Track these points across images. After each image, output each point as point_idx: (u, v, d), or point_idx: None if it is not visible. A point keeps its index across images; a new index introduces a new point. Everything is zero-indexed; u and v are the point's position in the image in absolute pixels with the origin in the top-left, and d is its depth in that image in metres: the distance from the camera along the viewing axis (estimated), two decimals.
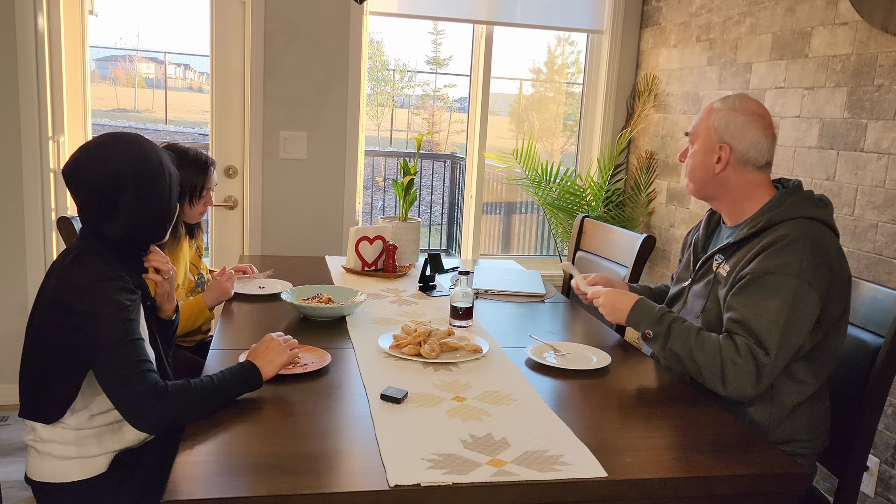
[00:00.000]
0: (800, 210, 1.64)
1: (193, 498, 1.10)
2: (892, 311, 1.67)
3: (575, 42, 4.12)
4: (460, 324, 2.01)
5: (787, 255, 1.57)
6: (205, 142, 3.80)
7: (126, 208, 1.50)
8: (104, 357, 1.39)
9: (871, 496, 2.49)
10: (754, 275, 1.60)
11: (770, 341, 1.55)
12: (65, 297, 1.43)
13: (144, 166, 1.51)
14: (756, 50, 3.03)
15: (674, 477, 1.25)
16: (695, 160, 1.77)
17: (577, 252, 2.89)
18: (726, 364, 1.57)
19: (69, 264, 1.47)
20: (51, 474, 1.52)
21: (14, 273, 3.21)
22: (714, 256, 1.77)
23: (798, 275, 1.55)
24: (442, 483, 1.16)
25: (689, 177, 1.81)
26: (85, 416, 1.51)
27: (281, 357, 1.53)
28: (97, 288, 1.42)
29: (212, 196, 2.32)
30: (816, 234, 1.61)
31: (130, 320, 1.43)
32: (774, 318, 1.55)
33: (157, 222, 1.57)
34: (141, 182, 1.50)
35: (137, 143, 1.54)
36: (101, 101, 9.16)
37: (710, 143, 1.73)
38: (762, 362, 1.54)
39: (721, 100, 1.77)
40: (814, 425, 1.67)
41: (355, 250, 2.61)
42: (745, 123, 1.70)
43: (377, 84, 6.07)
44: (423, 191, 5.90)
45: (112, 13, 3.66)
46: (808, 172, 2.75)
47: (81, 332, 1.41)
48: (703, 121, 1.76)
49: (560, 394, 1.59)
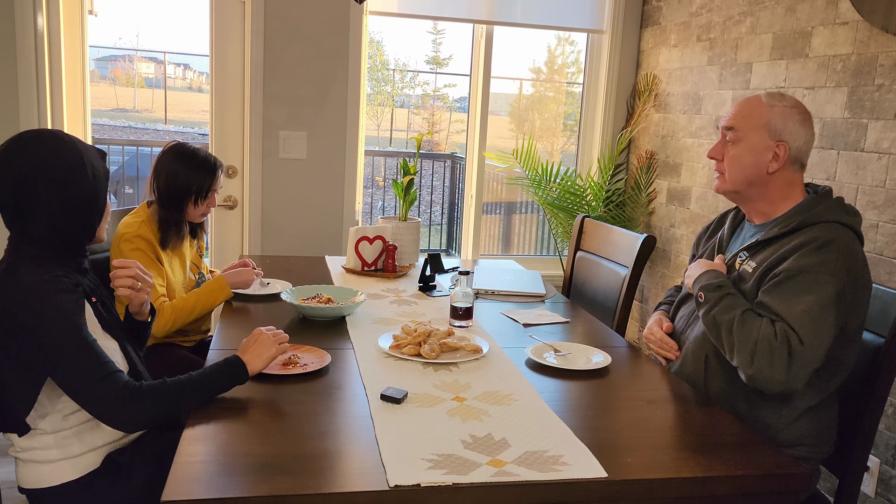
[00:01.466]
0: (834, 215, 1.63)
1: (193, 498, 1.09)
2: (892, 311, 1.66)
3: (575, 42, 4.11)
4: (460, 324, 2.01)
5: (823, 254, 1.56)
6: (204, 142, 3.80)
7: (44, 206, 1.44)
8: (64, 368, 1.38)
9: (871, 496, 2.49)
10: (788, 272, 1.57)
11: (803, 330, 1.51)
12: (5, 312, 1.39)
13: (57, 161, 1.45)
14: (756, 50, 3.03)
15: (674, 477, 1.25)
16: (743, 158, 1.70)
17: (577, 252, 2.89)
18: (761, 342, 1.53)
19: (0, 278, 1.42)
20: (41, 479, 1.51)
21: None
22: (738, 254, 1.75)
23: (834, 274, 1.54)
24: (442, 483, 1.16)
25: (733, 174, 1.72)
26: (58, 418, 1.49)
27: (269, 351, 1.52)
28: (35, 297, 1.38)
29: (215, 197, 2.32)
30: (849, 240, 1.59)
31: (78, 326, 1.40)
32: (808, 308, 1.52)
33: (84, 217, 1.50)
34: (53, 177, 1.44)
35: (52, 138, 1.48)
36: (100, 101, 9.16)
37: (764, 141, 1.68)
38: (795, 349, 1.50)
39: (768, 95, 1.72)
40: (821, 431, 1.66)
41: (355, 250, 2.61)
42: (802, 122, 1.68)
43: (377, 84, 6.06)
44: (423, 191, 5.89)
45: (112, 13, 3.67)
46: (809, 172, 2.75)
47: (32, 349, 1.38)
48: (754, 117, 1.69)
49: (560, 394, 1.59)
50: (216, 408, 1.42)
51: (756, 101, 1.72)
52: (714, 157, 1.77)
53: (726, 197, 1.81)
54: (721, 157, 1.75)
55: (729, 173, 1.73)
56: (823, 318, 1.52)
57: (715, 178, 1.80)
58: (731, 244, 1.84)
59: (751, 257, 1.70)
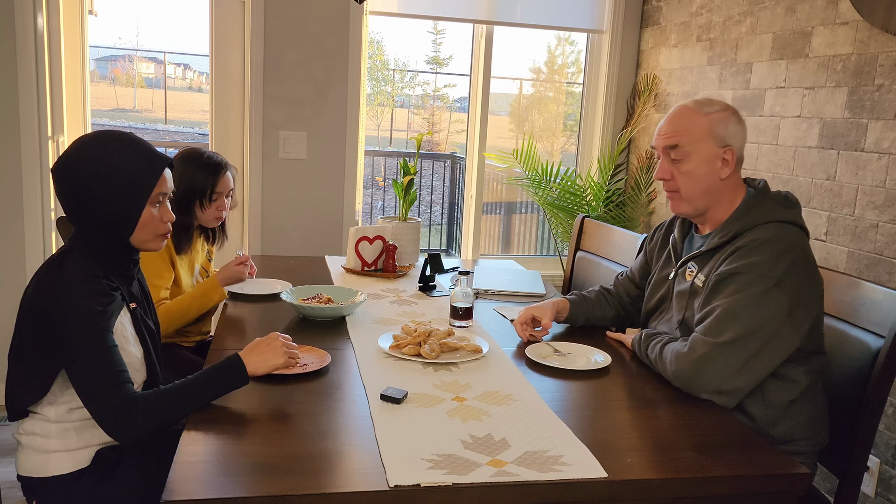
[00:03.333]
0: (770, 214, 1.66)
1: (193, 498, 1.09)
2: (892, 311, 1.66)
3: (575, 42, 4.11)
4: (460, 324, 2.00)
5: (754, 255, 1.60)
6: (204, 142, 3.80)
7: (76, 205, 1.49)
8: (77, 366, 1.40)
9: (871, 496, 2.49)
10: (720, 276, 1.63)
11: (718, 326, 1.57)
12: (39, 300, 1.44)
13: (82, 162, 1.48)
14: (756, 50, 3.03)
15: (674, 477, 1.25)
16: (697, 171, 1.70)
17: (577, 252, 2.89)
18: (671, 352, 1.65)
19: (49, 264, 1.47)
20: (34, 468, 1.53)
21: (13, 273, 3.21)
22: (688, 263, 1.78)
23: (765, 274, 1.57)
24: (442, 483, 1.16)
25: (690, 190, 1.72)
26: (63, 409, 1.51)
27: (277, 360, 1.51)
28: (66, 293, 1.41)
29: (226, 201, 2.27)
30: (786, 235, 1.62)
31: (101, 329, 1.41)
32: (729, 306, 1.58)
33: (111, 222, 1.50)
34: (79, 177, 1.47)
35: (108, 141, 1.51)
36: (100, 101, 9.15)
37: (712, 150, 1.69)
38: (702, 342, 1.58)
39: (696, 104, 1.72)
40: (812, 423, 1.67)
41: (355, 250, 2.61)
42: (738, 121, 1.72)
43: (377, 84, 6.06)
44: (423, 191, 5.89)
45: (112, 13, 3.67)
46: (809, 172, 2.75)
47: (54, 338, 1.41)
48: (695, 129, 1.69)
49: (560, 394, 1.59)
50: (216, 408, 1.42)
51: (690, 113, 1.72)
52: (663, 177, 1.76)
53: (685, 217, 1.83)
54: (670, 176, 1.74)
55: (685, 190, 1.73)
56: (748, 311, 1.55)
57: (667, 197, 1.80)
58: (685, 251, 1.87)
59: (700, 270, 1.73)
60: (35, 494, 1.55)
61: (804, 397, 1.65)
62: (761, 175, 2.98)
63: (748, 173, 3.06)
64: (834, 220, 2.63)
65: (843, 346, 1.76)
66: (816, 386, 1.69)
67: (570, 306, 2.04)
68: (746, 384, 1.57)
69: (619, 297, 2.11)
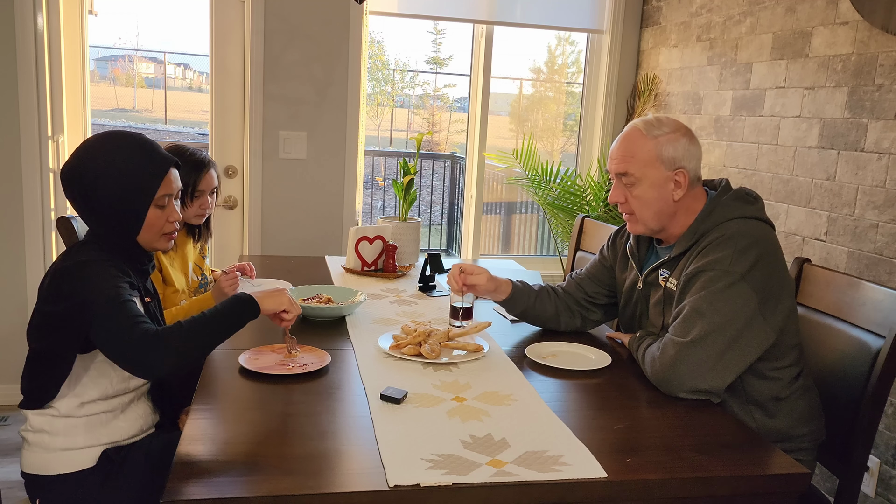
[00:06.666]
0: (730, 212, 1.67)
1: (193, 498, 1.09)
2: (892, 311, 1.66)
3: (575, 42, 4.11)
4: (460, 324, 2.00)
5: (717, 252, 1.61)
6: (204, 142, 3.80)
7: (84, 206, 1.53)
8: (99, 317, 1.39)
9: (871, 496, 2.49)
10: (687, 276, 1.64)
11: (686, 325, 1.58)
12: (56, 278, 1.46)
13: (88, 164, 1.51)
14: (756, 50, 3.03)
15: (674, 477, 1.25)
16: (647, 196, 1.71)
17: (577, 252, 2.89)
18: (647, 354, 1.66)
19: (68, 250, 1.52)
20: (39, 466, 1.53)
21: (13, 273, 3.21)
22: (659, 270, 1.78)
23: (728, 269, 1.58)
24: (442, 483, 1.16)
25: (643, 214, 1.73)
26: (74, 402, 1.51)
27: (283, 303, 1.56)
28: (82, 270, 1.45)
29: (209, 200, 2.25)
30: (749, 230, 1.63)
31: (117, 286, 1.43)
32: (695, 304, 1.59)
33: (118, 222, 1.53)
34: (84, 179, 1.51)
35: (110, 140, 1.54)
36: (100, 101, 9.14)
37: (662, 174, 1.69)
38: (672, 343, 1.58)
39: (646, 125, 1.71)
40: (807, 418, 1.68)
41: (355, 250, 2.61)
42: (690, 141, 1.71)
43: (377, 84, 6.06)
44: (423, 191, 5.89)
45: (112, 13, 3.66)
46: (809, 172, 2.75)
47: (73, 300, 1.42)
48: (642, 154, 1.69)
49: (560, 394, 1.59)
50: (216, 408, 1.42)
51: (637, 137, 1.71)
52: (617, 201, 1.77)
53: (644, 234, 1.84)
54: (624, 199, 1.75)
55: (639, 214, 1.75)
56: (715, 308, 1.56)
57: (624, 218, 1.81)
58: (647, 259, 1.87)
59: (671, 273, 1.74)
60: (38, 493, 1.55)
61: (793, 393, 1.66)
62: (761, 175, 2.98)
63: (748, 173, 3.06)
64: (834, 220, 2.63)
65: (843, 346, 1.76)
66: (804, 380, 1.69)
67: (511, 290, 1.98)
68: (723, 380, 1.57)
69: (567, 297, 2.03)
